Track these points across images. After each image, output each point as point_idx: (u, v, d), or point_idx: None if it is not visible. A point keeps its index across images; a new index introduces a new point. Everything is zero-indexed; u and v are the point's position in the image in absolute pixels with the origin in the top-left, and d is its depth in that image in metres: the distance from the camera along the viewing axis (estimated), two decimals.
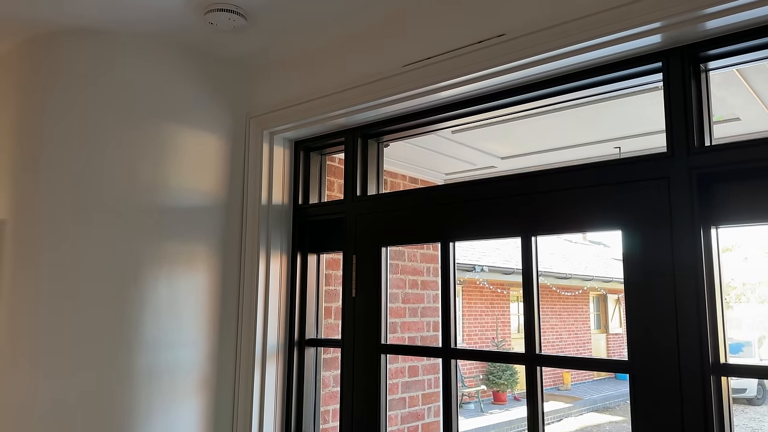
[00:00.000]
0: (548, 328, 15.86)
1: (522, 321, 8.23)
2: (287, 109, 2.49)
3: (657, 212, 1.66)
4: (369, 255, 2.31)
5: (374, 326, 2.26)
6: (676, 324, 1.59)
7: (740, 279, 30.87)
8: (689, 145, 1.63)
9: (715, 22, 1.57)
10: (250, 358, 2.45)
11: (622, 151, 3.27)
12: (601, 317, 19.07)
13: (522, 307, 7.65)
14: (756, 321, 20.71)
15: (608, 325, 19.43)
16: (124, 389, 2.15)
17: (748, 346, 18.78)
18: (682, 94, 1.66)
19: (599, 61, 1.80)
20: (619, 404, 15.49)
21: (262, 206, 2.54)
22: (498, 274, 12.03)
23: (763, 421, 13.76)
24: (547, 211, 1.88)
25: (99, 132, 2.24)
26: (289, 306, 2.57)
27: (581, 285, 15.62)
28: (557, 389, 15.70)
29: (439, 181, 4.00)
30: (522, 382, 14.40)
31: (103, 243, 2.19)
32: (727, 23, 1.57)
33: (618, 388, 16.56)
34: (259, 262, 2.50)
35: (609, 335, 19.38)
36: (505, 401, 13.18)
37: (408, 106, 2.21)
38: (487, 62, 1.89)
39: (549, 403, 13.82)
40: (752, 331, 19.14)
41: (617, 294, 19.28)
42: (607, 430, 12.66)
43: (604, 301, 19.14)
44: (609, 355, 18.75)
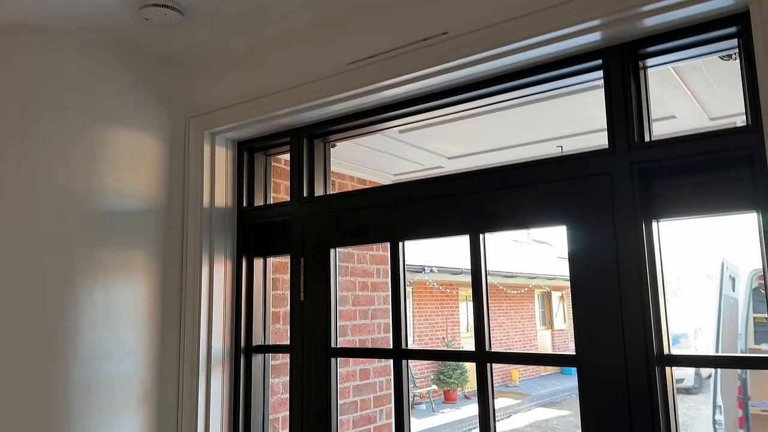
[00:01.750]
0: (496, 326, 16.11)
1: (471, 320, 8.33)
2: (229, 108, 2.42)
3: (599, 207, 1.68)
4: (317, 257, 2.26)
5: (324, 330, 2.21)
6: (621, 317, 1.61)
7: (675, 273, 32.28)
8: (629, 141, 1.66)
9: (652, 20, 1.61)
10: (194, 368, 2.35)
11: (565, 149, 3.34)
12: (546, 314, 19.53)
13: (471, 306, 7.73)
14: (691, 314, 21.62)
15: (553, 322, 19.92)
16: (59, 404, 2.02)
17: (685, 337, 19.60)
18: (622, 91, 1.69)
19: (541, 59, 1.82)
20: (565, 399, 15.88)
21: (204, 209, 2.45)
22: (447, 275, 12.15)
23: (701, 410, 14.36)
24: (493, 208, 1.88)
25: (29, 131, 2.10)
26: (234, 312, 2.49)
27: (526, 283, 15.94)
28: (506, 386, 15.96)
29: (388, 182, 3.98)
30: (472, 380, 14.57)
31: (34, 250, 2.06)
32: (663, 21, 1.61)
33: (564, 382, 16.98)
34: (201, 268, 2.41)
35: (554, 331, 19.86)
36: (455, 400, 13.30)
37: (353, 105, 2.17)
38: (431, 60, 1.88)
39: (498, 400, 14.03)
40: (688, 324, 19.98)
41: (561, 291, 19.79)
42: (555, 424, 12.95)
43: (548, 298, 19.61)
44: (555, 350, 19.21)
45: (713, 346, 6.94)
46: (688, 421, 13.13)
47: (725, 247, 34.17)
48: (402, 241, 2.09)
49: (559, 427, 12.72)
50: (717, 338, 6.80)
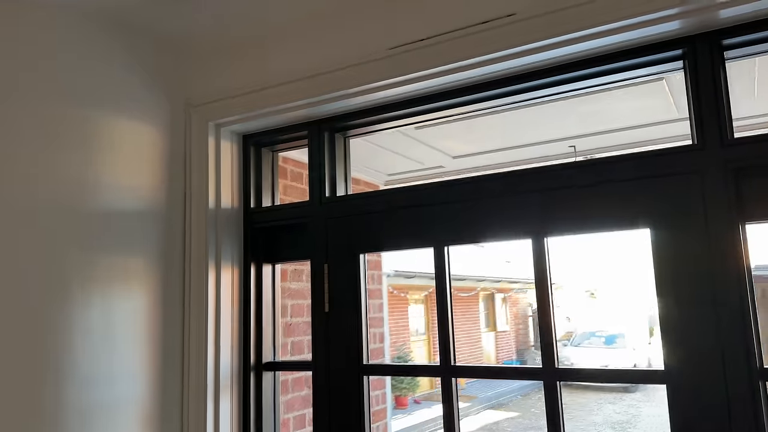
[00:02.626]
0: None
1: (421, 324, 8.48)
2: (238, 98, 2.15)
3: (690, 208, 1.54)
4: (344, 263, 2.03)
5: (354, 344, 1.98)
6: (718, 327, 1.48)
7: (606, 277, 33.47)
8: (723, 138, 1.53)
9: (732, 11, 1.49)
10: (200, 389, 2.07)
11: (578, 150, 3.24)
12: (489, 316, 19.76)
13: (421, 309, 7.82)
14: (626, 314, 22.47)
15: (496, 324, 20.19)
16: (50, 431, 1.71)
17: (622, 337, 20.31)
18: (713, 83, 1.56)
19: (614, 47, 1.66)
20: (511, 400, 16.08)
21: (209, 210, 2.17)
22: (400, 279, 12.02)
23: (640, 407, 14.87)
24: (558, 210, 1.72)
25: (11, 117, 1.77)
26: (243, 325, 2.22)
27: (475, 286, 16.05)
28: None
29: (381, 183, 3.77)
30: (423, 385, 14.51)
31: (20, 254, 1.73)
32: (744, 12, 1.50)
33: (509, 384, 17.20)
34: (207, 276, 2.13)
35: (497, 333, 20.13)
36: (406, 405, 13.17)
37: (391, 95, 1.96)
38: (492, 45, 1.70)
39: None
40: (624, 324, 20.74)
41: (505, 294, 20.09)
42: (505, 426, 13.05)
43: (492, 301, 19.86)
44: (497, 351, 19.48)
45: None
46: (630, 419, 13.53)
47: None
48: (447, 246, 1.89)
49: (509, 429, 12.83)
50: None
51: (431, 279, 13.77)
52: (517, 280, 19.30)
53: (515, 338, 21.76)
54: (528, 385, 17.47)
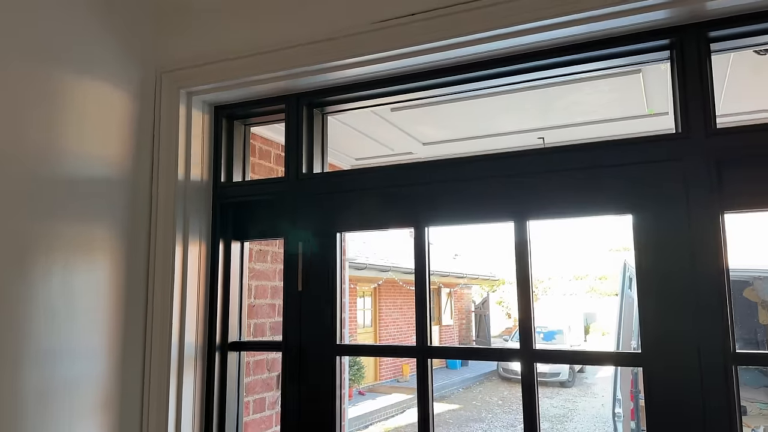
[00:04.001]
0: (390, 322, 16.19)
1: (368, 316, 8.60)
2: (212, 65, 2.06)
3: (672, 196, 1.57)
4: (321, 243, 1.98)
5: (329, 325, 1.94)
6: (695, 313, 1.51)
7: (546, 273, 34.47)
8: (707, 128, 1.56)
9: (718, 3, 1.53)
10: (163, 367, 1.98)
11: (546, 142, 3.27)
12: (435, 310, 19.98)
13: (368, 302, 7.98)
14: (563, 311, 23.16)
15: (441, 318, 20.44)
16: (8, 415, 1.59)
17: (560, 333, 20.93)
18: (698, 73, 1.59)
19: (601, 33, 1.68)
20: (453, 393, 16.32)
21: (178, 182, 2.08)
22: (351, 270, 11.97)
23: (576, 401, 15.37)
24: (542, 193, 1.72)
25: None
26: (209, 304, 2.14)
27: None
28: (396, 381, 16.10)
29: (347, 166, 3.71)
30: (369, 376, 14.54)
31: None
32: (731, 4, 1.53)
33: (451, 377, 17.46)
34: (174, 250, 2.04)
35: (442, 327, 20.39)
36: (351, 397, 13.17)
37: (372, 72, 1.92)
38: (483, 24, 1.68)
39: (391, 396, 14.10)
40: (562, 321, 21.38)
41: (451, 288, 20.35)
42: (448, 418, 13.24)
43: (438, 295, 20.08)
44: (441, 344, 19.69)
45: (614, 343, 7.36)
46: (567, 413, 13.96)
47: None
48: (428, 227, 1.87)
49: (451, 420, 13.02)
50: (618, 335, 7.20)
51: (380, 271, 13.81)
52: (464, 275, 19.58)
53: (458, 332, 22.10)
54: (468, 379, 17.77)
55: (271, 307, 3.68)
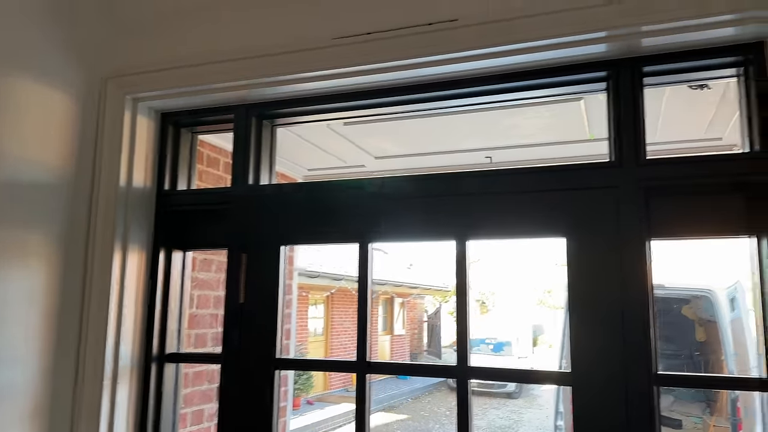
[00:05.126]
0: (342, 331, 16.13)
1: (319, 325, 8.54)
2: (160, 72, 2.04)
3: (604, 222, 1.64)
4: (263, 254, 1.98)
5: (269, 338, 1.93)
6: (623, 335, 1.58)
7: (497, 285, 35.01)
8: (638, 157, 1.64)
9: (656, 40, 1.61)
10: (96, 379, 1.93)
11: (494, 161, 3.34)
12: (387, 320, 20.01)
13: (320, 310, 8.00)
14: (512, 323, 23.55)
15: (393, 327, 20.47)
16: None
17: (509, 345, 21.24)
18: (632, 105, 1.66)
19: (546, 63, 1.74)
20: (402, 403, 16.35)
21: (119, 189, 2.04)
22: (303, 278, 11.88)
23: (522, 413, 15.61)
24: (477, 214, 1.76)
25: None
26: (147, 314, 2.10)
27: (377, 289, 16.18)
28: (346, 390, 16.03)
29: (300, 177, 3.70)
30: (317, 386, 14.42)
31: None
32: (666, 42, 1.62)
33: (400, 387, 17.49)
34: (113, 258, 2.00)
35: (393, 337, 20.42)
36: (299, 406, 13.04)
37: (327, 87, 1.93)
38: (435, 48, 1.72)
39: (341, 405, 14.02)
40: (511, 333, 21.72)
41: (404, 298, 20.42)
42: (396, 428, 13.24)
43: (390, 305, 20.13)
44: (392, 355, 19.75)
45: (558, 355, 7.52)
46: (512, 425, 14.16)
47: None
48: (372, 242, 1.89)
49: (399, 431, 13.03)
50: (561, 350, 7.37)
51: (334, 280, 13.75)
52: (417, 285, 19.70)
53: (410, 342, 22.18)
54: (417, 389, 17.84)
55: (214, 318, 3.62)
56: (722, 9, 1.51)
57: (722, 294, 7.20)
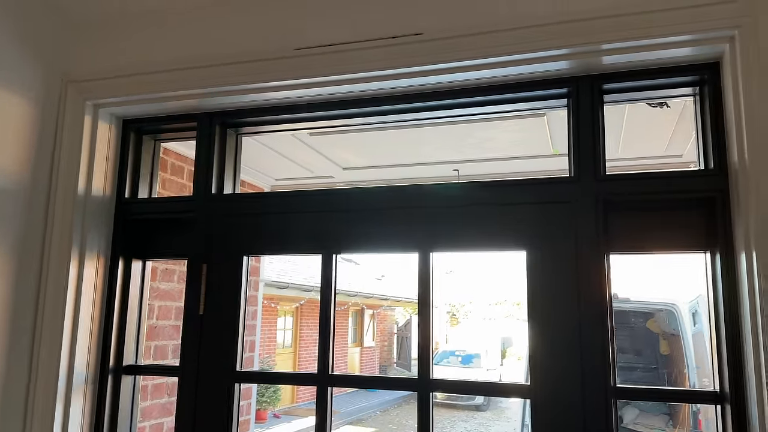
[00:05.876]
0: (311, 343, 15.98)
1: (288, 336, 8.42)
2: (122, 78, 2.01)
3: (562, 235, 1.66)
4: (225, 265, 1.95)
5: (229, 350, 1.90)
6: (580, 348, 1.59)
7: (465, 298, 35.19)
8: (597, 172, 1.66)
9: (613, 58, 1.64)
10: (49, 391, 1.87)
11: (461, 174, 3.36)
12: (357, 331, 19.90)
13: (288, 321, 7.90)
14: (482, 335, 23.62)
15: (363, 339, 20.36)
16: None
17: (478, 357, 21.30)
18: (591, 121, 1.69)
19: (511, 78, 1.76)
20: (370, 416, 16.23)
21: (77, 196, 1.99)
22: (272, 288, 11.75)
23: (490, 426, 15.64)
24: (441, 226, 1.77)
25: None
26: (104, 324, 2.05)
27: (347, 300, 16.11)
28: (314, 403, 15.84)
29: (267, 187, 3.67)
30: (284, 399, 14.23)
31: None
32: (625, 60, 1.65)
33: (369, 399, 17.37)
34: (69, 267, 1.95)
35: (363, 349, 20.31)
36: (265, 419, 12.84)
37: (290, 97, 1.93)
38: (398, 61, 1.73)
39: (308, 419, 13.86)
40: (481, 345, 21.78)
41: (374, 310, 20.35)
42: None
43: (361, 316, 20.03)
44: (362, 367, 19.63)
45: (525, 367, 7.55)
46: None
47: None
48: (336, 254, 1.88)
49: None
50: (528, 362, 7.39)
51: (303, 291, 13.63)
52: (387, 296, 19.67)
53: (380, 354, 22.09)
54: (387, 401, 17.75)
55: (175, 329, 3.56)
56: (680, 30, 1.55)
57: (685, 308, 7.34)
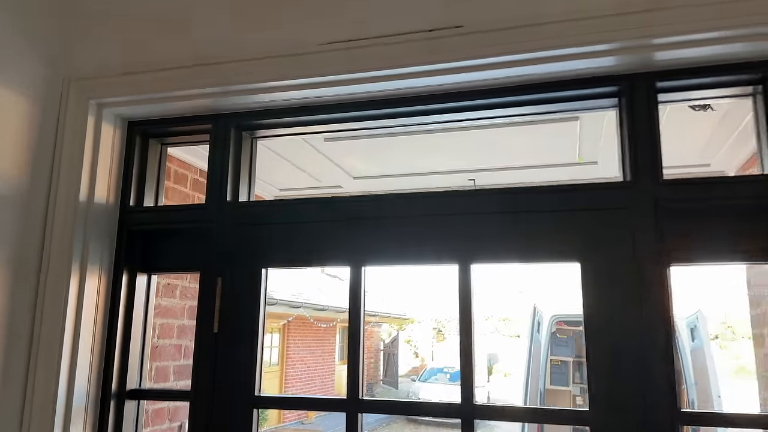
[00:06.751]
0: (298, 361, 15.67)
1: (275, 354, 8.14)
2: (129, 75, 1.85)
3: (619, 245, 1.52)
4: (243, 278, 1.78)
5: (247, 373, 1.73)
6: (645, 368, 1.45)
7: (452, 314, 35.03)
8: (654, 176, 1.53)
9: (667, 54, 1.52)
10: (46, 419, 1.68)
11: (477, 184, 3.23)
12: (344, 349, 19.60)
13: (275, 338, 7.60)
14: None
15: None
16: None
17: None
18: (648, 121, 1.57)
19: (549, 76, 1.63)
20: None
21: (79, 203, 1.82)
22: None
23: None
24: (486, 236, 1.63)
25: None
26: (107, 344, 1.87)
27: (335, 317, 15.87)
28: (301, 423, 15.50)
29: (270, 197, 3.50)
30: (271, 418, 13.90)
31: None
32: (679, 57, 1.54)
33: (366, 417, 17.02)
34: (69, 281, 1.77)
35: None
36: None
37: (311, 96, 1.78)
38: (437, 56, 1.59)
39: None
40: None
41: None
42: None
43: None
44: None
45: (523, 386, 7.42)
46: None
47: None
48: (365, 266, 1.72)
49: None
50: (527, 380, 7.27)
51: (291, 307, 13.36)
52: (376, 312, 19.44)
53: (366, 372, 21.76)
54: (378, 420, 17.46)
55: (177, 349, 3.34)
56: (738, 23, 1.44)
57: (682, 324, 7.27)
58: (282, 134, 2.00)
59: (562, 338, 8.30)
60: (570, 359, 8.28)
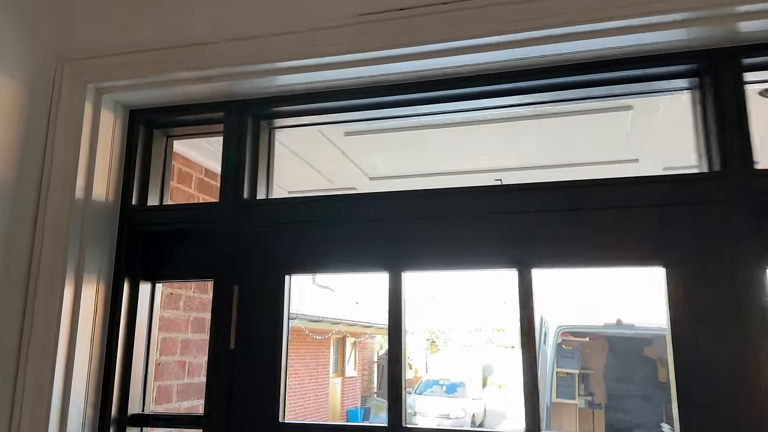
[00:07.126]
0: (291, 373, 15.32)
1: None
2: (130, 55, 1.63)
3: (712, 245, 1.31)
4: (263, 286, 1.55)
5: (270, 394, 1.49)
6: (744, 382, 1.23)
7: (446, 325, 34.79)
8: (747, 166, 1.32)
9: (753, 25, 1.32)
10: None
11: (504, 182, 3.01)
12: (339, 361, 19.30)
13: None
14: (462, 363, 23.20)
15: (345, 369, 19.76)
16: None
17: (462, 386, 20.84)
18: (736, 104, 1.36)
19: (615, 52, 1.43)
20: None
21: (74, 201, 1.59)
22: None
23: None
24: (551, 236, 1.41)
25: None
26: (105, 363, 1.63)
27: (330, 329, 15.58)
28: None
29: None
30: None
31: None
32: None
33: None
34: (63, 291, 1.53)
35: (345, 379, 19.69)
36: None
37: (345, 78, 1.56)
38: (494, 26, 1.38)
39: None
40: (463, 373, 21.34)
41: (356, 338, 19.81)
42: None
43: (342, 345, 19.44)
44: (343, 398, 19.00)
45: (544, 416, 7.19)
46: None
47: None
48: (404, 271, 1.50)
49: None
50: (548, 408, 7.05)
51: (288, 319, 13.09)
52: (371, 324, 19.15)
53: (361, 385, 21.46)
54: None
55: (181, 366, 3.06)
56: None
57: None
58: (305, 123, 1.78)
59: (567, 350, 8.09)
60: (576, 371, 8.07)
